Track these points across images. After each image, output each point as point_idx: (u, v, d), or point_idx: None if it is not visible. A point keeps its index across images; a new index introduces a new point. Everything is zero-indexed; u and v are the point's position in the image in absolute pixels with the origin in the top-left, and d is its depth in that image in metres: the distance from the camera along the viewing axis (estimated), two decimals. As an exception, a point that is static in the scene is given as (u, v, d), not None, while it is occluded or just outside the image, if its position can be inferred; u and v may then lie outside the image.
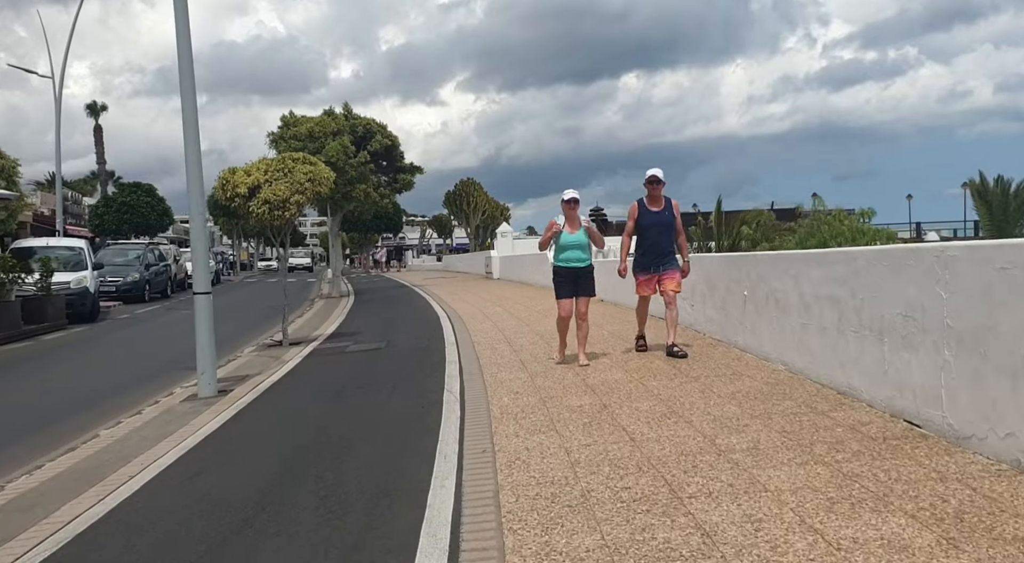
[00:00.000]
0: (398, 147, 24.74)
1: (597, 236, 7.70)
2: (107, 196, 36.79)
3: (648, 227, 7.71)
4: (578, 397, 6.20)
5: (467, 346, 9.76)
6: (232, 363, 10.32)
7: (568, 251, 7.51)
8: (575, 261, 7.54)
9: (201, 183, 8.09)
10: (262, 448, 5.56)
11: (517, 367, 7.91)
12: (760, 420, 5.08)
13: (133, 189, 35.16)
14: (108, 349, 13.40)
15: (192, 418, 6.69)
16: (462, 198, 57.51)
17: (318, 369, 9.07)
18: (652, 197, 7.75)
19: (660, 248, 7.72)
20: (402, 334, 11.96)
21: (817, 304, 5.98)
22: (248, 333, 13.76)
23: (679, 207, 7.93)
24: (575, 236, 7.49)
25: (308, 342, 11.71)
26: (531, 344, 9.54)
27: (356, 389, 7.50)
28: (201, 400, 7.57)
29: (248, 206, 11.19)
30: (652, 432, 4.99)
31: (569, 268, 7.55)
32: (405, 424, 5.78)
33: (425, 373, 8.03)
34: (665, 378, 6.75)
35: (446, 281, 29.79)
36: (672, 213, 7.75)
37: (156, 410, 7.30)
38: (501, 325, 11.93)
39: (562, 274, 7.60)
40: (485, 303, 16.91)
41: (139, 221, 33.91)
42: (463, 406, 6.21)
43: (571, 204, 7.47)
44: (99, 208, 35.23)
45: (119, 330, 16.15)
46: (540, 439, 5.02)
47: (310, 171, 11.48)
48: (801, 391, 5.82)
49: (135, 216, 33.78)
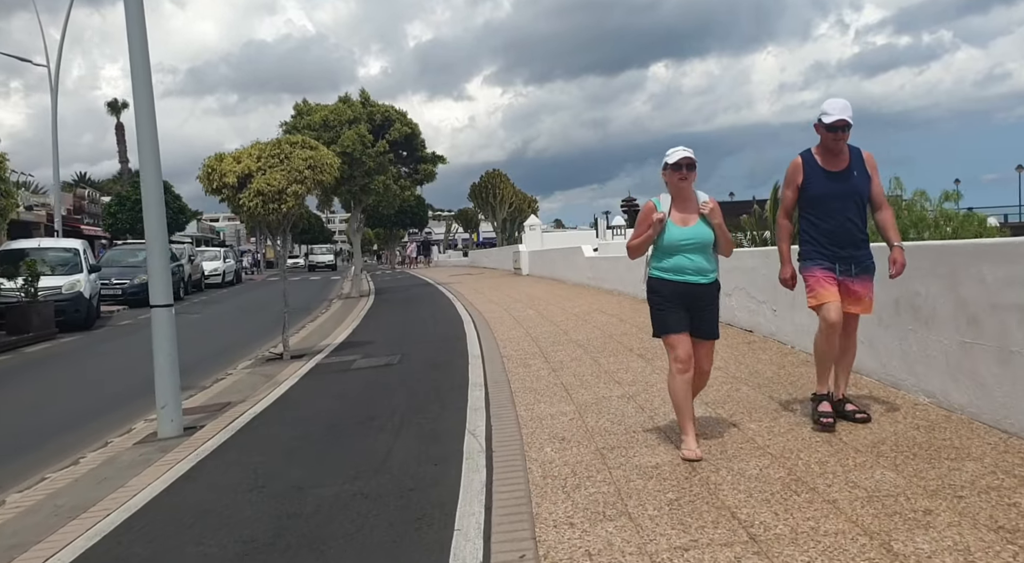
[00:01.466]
0: (419, 136, 23.04)
1: (725, 233, 4.42)
2: (120, 195, 35.48)
3: (823, 198, 4.53)
4: (651, 451, 4.47)
5: (495, 362, 8.06)
6: (219, 383, 8.74)
7: (678, 256, 4.32)
8: (691, 273, 4.31)
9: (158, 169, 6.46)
10: (197, 545, 3.89)
11: (559, 394, 6.20)
12: (945, 500, 3.31)
13: (147, 187, 33.87)
14: (90, 364, 11.91)
15: (133, 476, 5.06)
16: (488, 190, 55.75)
17: (314, 395, 7.43)
18: (828, 149, 4.55)
19: (847, 234, 4.49)
20: (419, 344, 10.29)
21: (994, 316, 4.18)
22: (252, 342, 12.21)
23: (874, 161, 4.61)
24: (691, 230, 4.30)
25: (312, 355, 10.09)
26: (573, 360, 7.81)
27: (354, 427, 5.83)
28: (158, 443, 5.97)
29: (238, 198, 9.59)
30: (779, 521, 3.25)
31: (680, 283, 4.32)
32: (407, 498, 4.09)
33: (442, 402, 6.35)
34: (760, 411, 4.99)
35: (472, 278, 28.13)
36: (866, 173, 4.55)
37: (96, 459, 5.69)
38: (534, 332, 10.21)
39: (666, 293, 4.35)
40: (514, 303, 15.20)
41: (154, 220, 32.64)
42: (490, 462, 4.51)
43: (682, 171, 4.29)
44: (112, 207, 33.93)
45: (114, 339, 14.69)
46: (606, 532, 3.31)
47: (310, 156, 9.84)
48: (979, 443, 4.03)
49: (150, 215, 32.48)
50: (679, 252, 4.32)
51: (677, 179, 4.33)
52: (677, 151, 4.32)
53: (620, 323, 10.45)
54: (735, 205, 48.78)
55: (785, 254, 4.78)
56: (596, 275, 17.40)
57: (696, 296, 4.33)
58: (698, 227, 4.33)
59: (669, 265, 4.36)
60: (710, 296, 4.39)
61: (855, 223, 4.52)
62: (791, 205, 4.72)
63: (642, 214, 4.47)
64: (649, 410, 5.42)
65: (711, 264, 4.37)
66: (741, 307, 8.70)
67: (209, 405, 7.42)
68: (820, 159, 4.58)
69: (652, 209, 4.39)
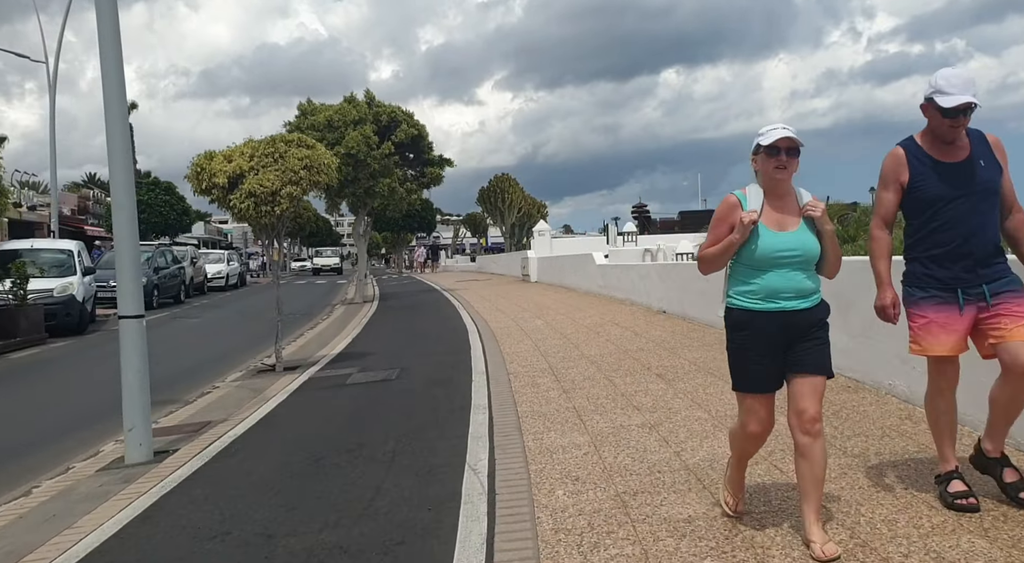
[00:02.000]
0: (425, 137, 22.44)
1: (836, 244, 3.25)
2: (123, 195, 34.98)
3: (941, 200, 3.39)
4: (681, 498, 3.82)
5: (500, 380, 7.42)
6: (204, 398, 8.13)
7: (771, 274, 3.13)
8: (789, 296, 3.13)
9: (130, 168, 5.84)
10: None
11: (571, 421, 5.55)
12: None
13: (151, 187, 33.35)
14: (75, 372, 11.32)
15: (85, 513, 4.43)
16: (497, 195, 55.15)
17: (301, 415, 6.80)
18: (938, 136, 3.43)
19: (978, 246, 3.37)
20: (420, 357, 9.66)
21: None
22: (248, 348, 11.65)
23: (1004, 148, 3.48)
24: (790, 237, 3.14)
25: (307, 366, 9.48)
26: (585, 379, 7.15)
27: (340, 456, 5.19)
28: (123, 471, 5.34)
29: (228, 200, 8.99)
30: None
31: (775, 313, 3.13)
32: (393, 555, 3.45)
33: (441, 427, 5.71)
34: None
35: (479, 284, 27.52)
36: (996, 162, 3.44)
37: (51, 490, 5.07)
38: (543, 346, 9.56)
39: (754, 329, 3.16)
40: (523, 313, 14.56)
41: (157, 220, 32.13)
42: (492, 508, 3.87)
43: (780, 157, 3.11)
44: (116, 208, 33.40)
45: (105, 344, 14.06)
46: (634, 616, 2.66)
47: (306, 156, 9.23)
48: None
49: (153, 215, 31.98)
50: (772, 267, 3.10)
51: (773, 167, 3.11)
52: (775, 129, 3.10)
53: (635, 337, 9.79)
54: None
55: (884, 276, 3.52)
56: (607, 283, 16.75)
57: (796, 327, 3.11)
58: (800, 234, 3.13)
59: (758, 287, 3.13)
60: (816, 322, 3.14)
61: (987, 231, 3.37)
62: (892, 211, 3.55)
63: (721, 211, 3.25)
64: (674, 444, 4.77)
65: (814, 281, 3.17)
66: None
67: (188, 424, 6.81)
68: (930, 148, 3.44)
69: (735, 205, 3.18)
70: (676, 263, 16.17)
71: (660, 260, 21.44)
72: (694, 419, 5.35)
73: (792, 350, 3.14)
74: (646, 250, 24.85)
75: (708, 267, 3.33)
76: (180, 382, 9.21)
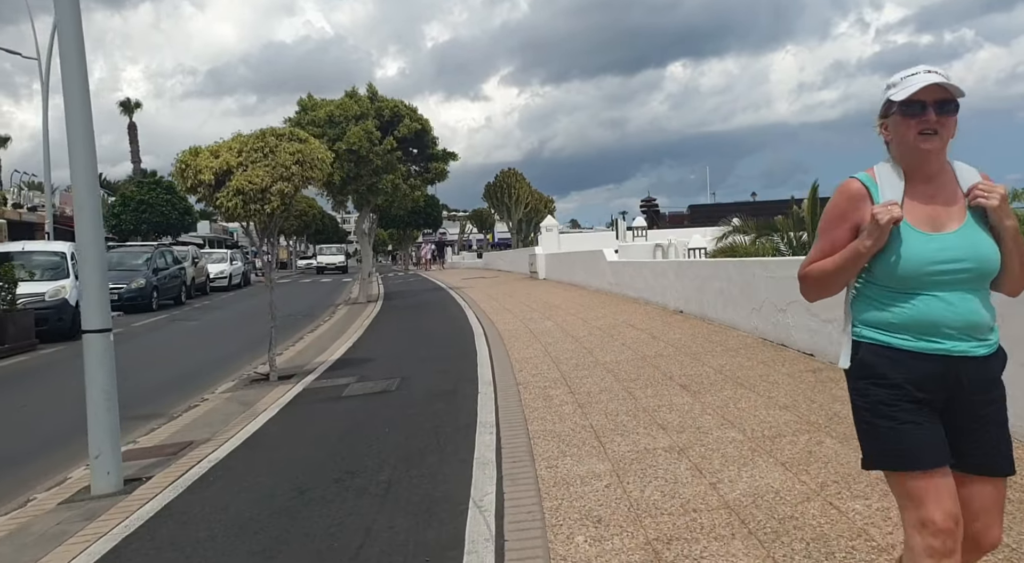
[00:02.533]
0: (429, 132, 21.80)
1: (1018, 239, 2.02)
2: (124, 194, 34.45)
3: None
4: (724, 547, 3.21)
5: (509, 391, 6.82)
6: (189, 413, 7.54)
7: (924, 297, 2.01)
8: (952, 333, 2.01)
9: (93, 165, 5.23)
10: None
11: (589, 443, 4.95)
12: None
13: (152, 186, 32.81)
14: (61, 382, 10.73)
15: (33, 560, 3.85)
16: (503, 190, 54.48)
17: (290, 434, 6.22)
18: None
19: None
20: (423, 363, 9.06)
21: None
22: (245, 353, 11.10)
23: None
24: (952, 239, 2.02)
25: (302, 375, 8.90)
26: (602, 391, 6.54)
27: (329, 487, 4.59)
28: (87, 504, 4.76)
29: (215, 198, 8.41)
30: None
31: (930, 356, 2.01)
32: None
33: (443, 450, 5.11)
34: (861, 482, 3.72)
35: (486, 282, 26.91)
36: None
37: (1, 529, 4.49)
38: (554, 352, 8.95)
39: (897, 378, 2.02)
40: (531, 313, 13.95)
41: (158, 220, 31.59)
42: (500, 560, 3.27)
43: (928, 115, 1.98)
44: (115, 207, 32.88)
45: (98, 350, 13.56)
46: None
47: (298, 150, 8.63)
48: None
49: (154, 215, 31.44)
50: (926, 288, 2.02)
51: (916, 133, 2.01)
52: (915, 75, 2.01)
53: (653, 340, 9.17)
54: (760, 205, 47.13)
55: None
56: (619, 281, 16.13)
57: (962, 387, 2.03)
58: (967, 234, 2.03)
59: (905, 316, 2.04)
60: (991, 381, 2.07)
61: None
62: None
63: (837, 206, 2.13)
64: (708, 473, 4.16)
65: (990, 311, 2.06)
66: (799, 325, 7.42)
67: (168, 444, 6.23)
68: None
69: (860, 196, 2.09)
70: (692, 260, 15.51)
71: (672, 256, 20.78)
72: (727, 441, 4.73)
73: (954, 427, 2.04)
74: (657, 245, 24.16)
75: (819, 290, 2.18)
76: (169, 393, 8.67)
